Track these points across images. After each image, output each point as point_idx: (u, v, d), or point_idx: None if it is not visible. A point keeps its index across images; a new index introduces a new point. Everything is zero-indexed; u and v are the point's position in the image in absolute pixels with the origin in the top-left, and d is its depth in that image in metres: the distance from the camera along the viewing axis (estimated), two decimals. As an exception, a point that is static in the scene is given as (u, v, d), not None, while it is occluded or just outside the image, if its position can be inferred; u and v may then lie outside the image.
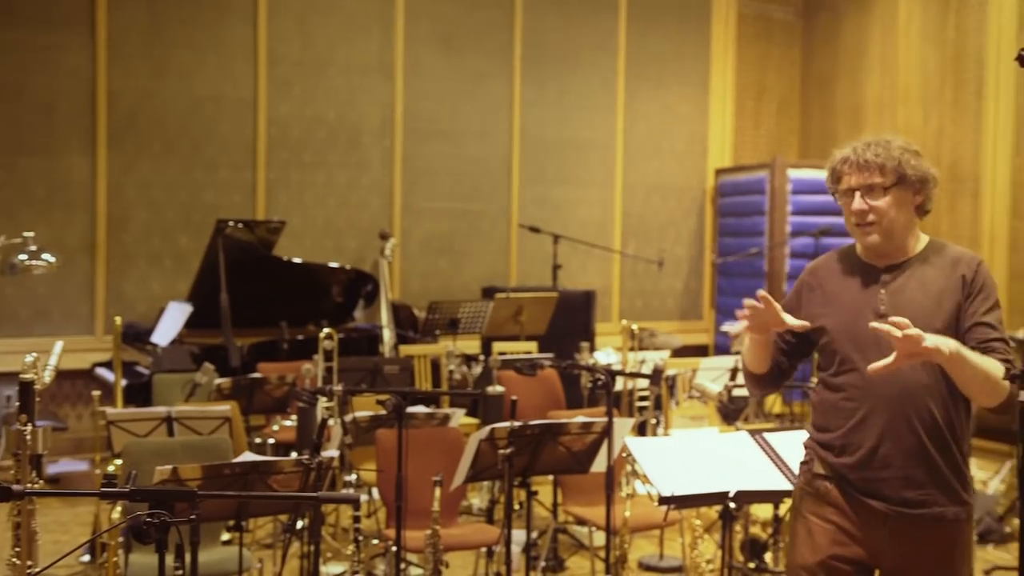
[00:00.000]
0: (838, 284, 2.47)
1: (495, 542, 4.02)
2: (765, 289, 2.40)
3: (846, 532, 2.41)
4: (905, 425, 2.33)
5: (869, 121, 8.97)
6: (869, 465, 2.37)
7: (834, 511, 2.43)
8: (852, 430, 2.40)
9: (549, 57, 8.54)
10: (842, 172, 2.42)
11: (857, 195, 2.39)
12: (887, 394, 2.34)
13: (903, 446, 2.33)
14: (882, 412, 2.35)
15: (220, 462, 3.18)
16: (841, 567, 2.41)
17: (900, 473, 2.34)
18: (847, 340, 2.40)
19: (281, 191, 7.58)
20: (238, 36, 7.39)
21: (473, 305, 6.74)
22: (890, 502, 2.35)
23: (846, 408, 2.41)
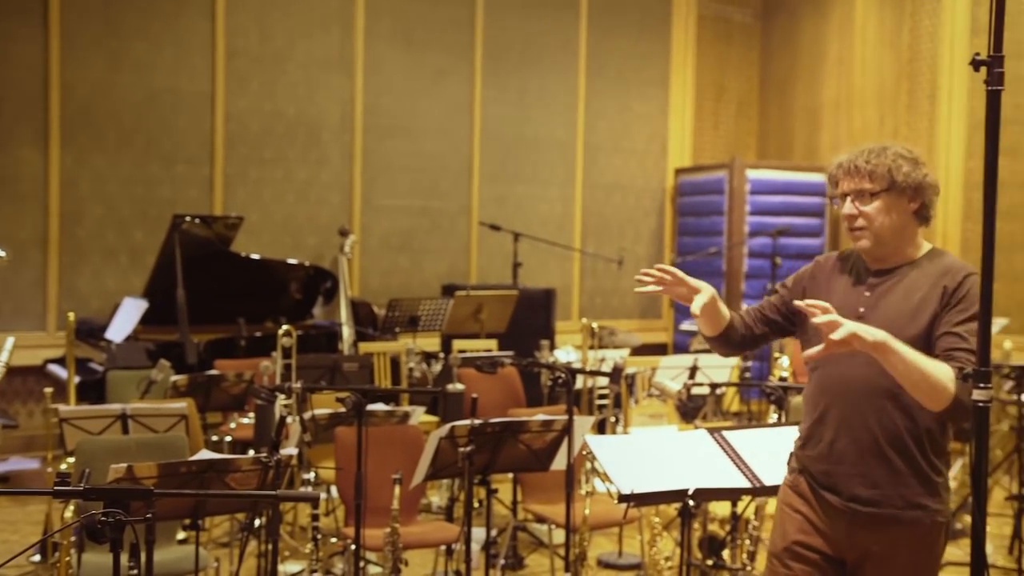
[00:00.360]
0: (833, 281, 2.51)
1: (455, 540, 4.01)
2: (724, 289, 2.41)
3: (811, 522, 2.46)
4: (861, 423, 2.36)
5: (826, 123, 9.09)
6: (827, 459, 2.42)
7: (802, 502, 2.48)
8: (815, 424, 2.46)
9: (510, 55, 8.54)
10: (837, 177, 2.46)
11: (848, 200, 2.43)
12: (847, 392, 2.39)
13: (858, 444, 2.36)
14: (840, 408, 2.40)
15: (176, 460, 3.14)
16: (807, 554, 2.45)
17: (854, 470, 2.37)
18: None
19: (239, 187, 7.49)
20: (196, 29, 7.30)
21: (433, 303, 6.72)
22: (842, 497, 2.39)
23: (813, 402, 2.48)
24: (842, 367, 2.40)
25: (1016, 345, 5.92)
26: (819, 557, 2.45)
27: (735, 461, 3.16)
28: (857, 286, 2.46)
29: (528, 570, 4.80)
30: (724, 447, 3.22)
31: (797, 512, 2.48)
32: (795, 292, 2.57)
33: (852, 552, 2.42)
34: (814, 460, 2.46)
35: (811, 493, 2.46)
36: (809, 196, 8.72)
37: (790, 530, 2.48)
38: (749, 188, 8.56)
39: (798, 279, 2.61)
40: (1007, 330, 6.58)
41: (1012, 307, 7.22)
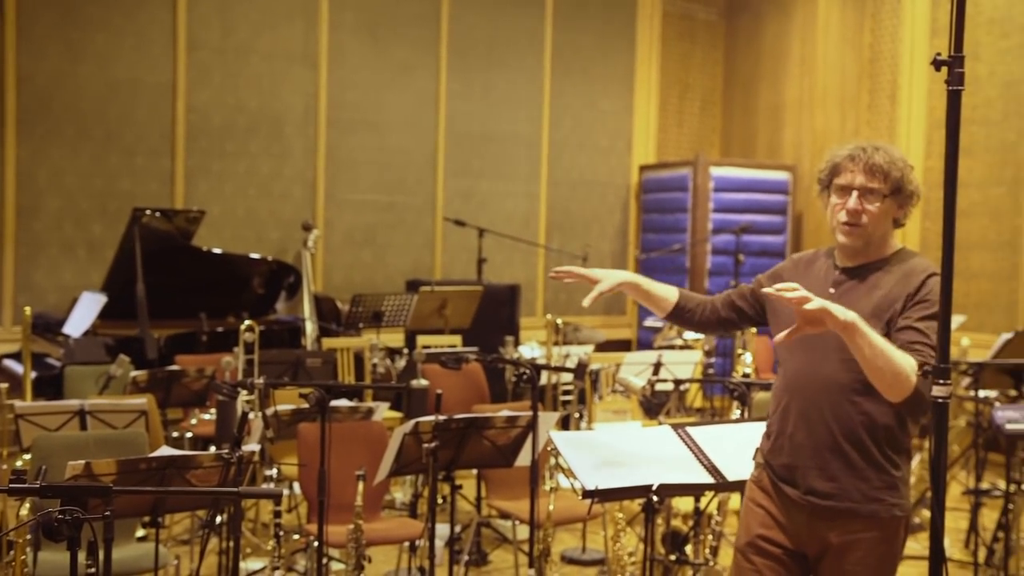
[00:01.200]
0: (802, 278, 2.49)
1: (418, 536, 4.00)
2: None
3: (772, 517, 2.49)
4: (818, 417, 2.39)
5: (789, 121, 9.17)
6: (786, 452, 2.45)
7: (764, 496, 2.51)
8: (777, 418, 2.50)
9: (476, 51, 8.52)
10: (844, 168, 2.41)
11: (855, 194, 2.38)
12: (805, 386, 2.42)
13: (815, 438, 2.39)
14: (799, 403, 2.43)
15: (136, 457, 3.09)
16: (769, 548, 2.47)
17: (812, 463, 2.40)
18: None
19: (201, 180, 7.40)
20: (156, 20, 7.19)
21: (397, 298, 6.69)
22: (800, 490, 2.42)
23: (777, 397, 2.52)
24: (804, 363, 2.43)
25: (973, 342, 6.01)
26: (781, 551, 2.47)
27: (698, 457, 3.18)
28: (823, 284, 2.47)
29: (492, 566, 4.80)
30: (688, 443, 3.23)
31: (760, 507, 2.51)
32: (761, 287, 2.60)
33: (812, 546, 2.44)
34: (775, 454, 2.49)
35: (772, 487, 2.49)
36: (772, 194, 8.80)
37: (753, 524, 2.51)
38: (713, 185, 8.62)
39: (775, 274, 2.64)
40: (964, 327, 6.69)
41: (969, 305, 7.34)
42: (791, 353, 2.46)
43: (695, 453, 3.21)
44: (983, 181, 7.49)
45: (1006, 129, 7.43)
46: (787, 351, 2.48)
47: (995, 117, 7.50)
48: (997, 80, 7.47)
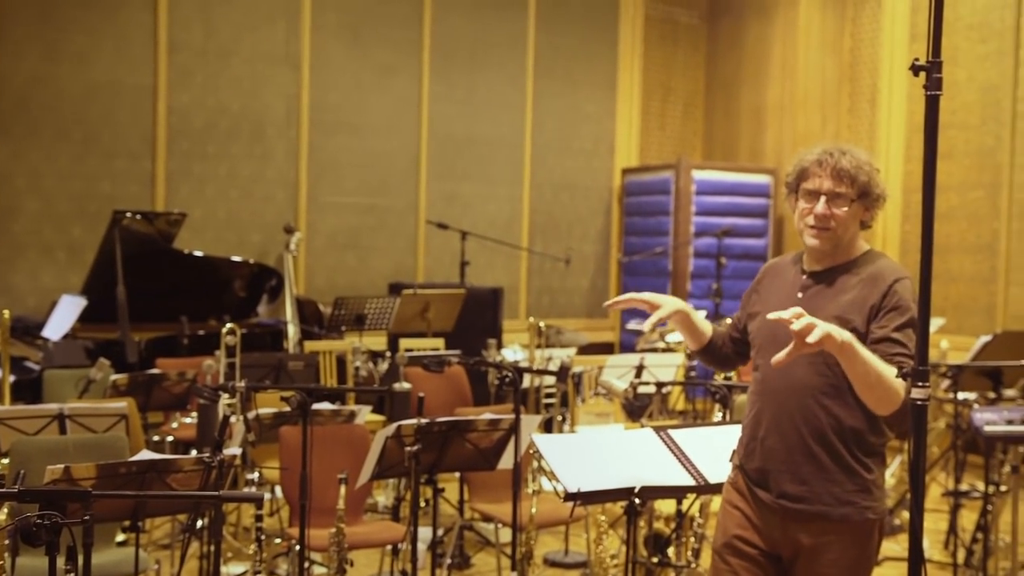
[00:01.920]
0: (772, 285, 2.56)
1: (400, 540, 3.99)
2: (670, 288, 2.46)
3: (748, 518, 2.50)
4: (788, 421, 2.41)
5: (770, 124, 9.22)
6: (759, 456, 2.47)
7: (740, 498, 2.53)
8: (751, 423, 2.52)
9: (458, 53, 8.52)
10: (812, 172, 2.42)
11: (823, 199, 2.39)
12: (776, 390, 2.44)
13: (786, 441, 2.41)
14: (771, 407, 2.45)
15: (115, 461, 3.07)
16: (745, 549, 2.48)
17: (783, 467, 2.41)
18: (762, 339, 2.50)
19: (182, 182, 7.37)
20: (137, 21, 7.16)
21: (380, 301, 6.68)
22: (772, 493, 2.43)
23: (751, 401, 2.54)
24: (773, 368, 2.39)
25: (953, 345, 6.06)
26: (757, 552, 2.48)
27: (680, 459, 3.19)
28: (791, 290, 2.50)
29: (475, 569, 4.80)
30: (670, 445, 3.24)
31: (736, 508, 2.53)
32: (746, 307, 2.67)
33: (786, 548, 2.45)
34: (748, 458, 2.51)
35: (747, 490, 2.51)
36: (754, 197, 8.84)
37: (729, 526, 2.53)
38: (695, 189, 8.65)
39: (747, 295, 2.69)
40: (943, 330, 6.74)
41: (948, 307, 7.40)
42: (763, 358, 2.48)
43: (677, 456, 3.22)
44: (962, 185, 7.55)
45: (984, 133, 7.50)
46: (760, 356, 2.50)
47: (974, 121, 7.56)
48: (975, 85, 7.54)
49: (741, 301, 2.72)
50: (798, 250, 2.63)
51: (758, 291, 2.62)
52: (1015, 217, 7.30)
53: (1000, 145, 7.39)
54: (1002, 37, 7.37)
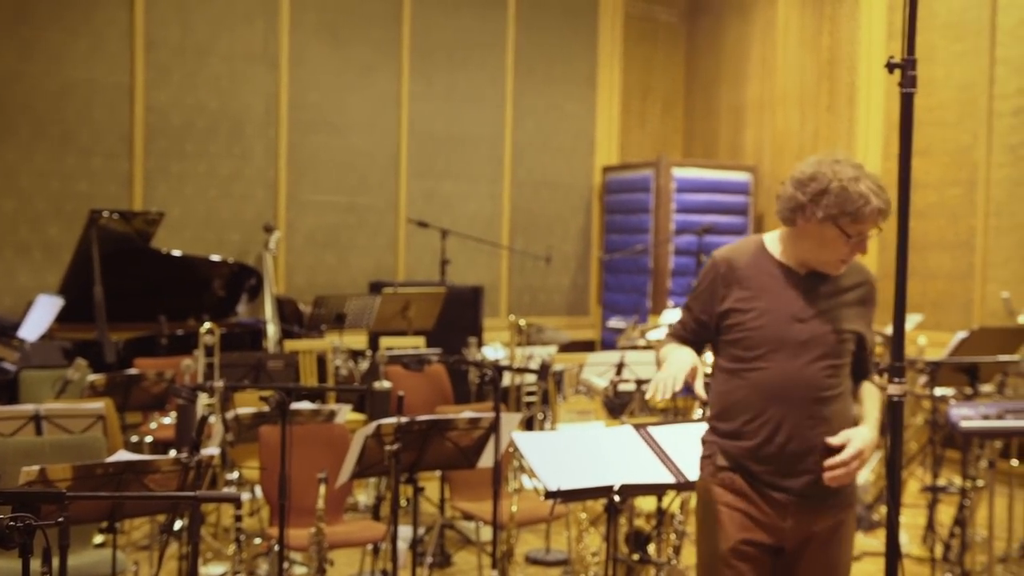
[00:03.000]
0: (761, 282, 2.49)
1: (381, 539, 3.98)
2: (650, 285, 2.46)
3: (752, 519, 2.48)
4: (810, 423, 2.43)
5: (750, 122, 9.25)
6: (776, 461, 2.45)
7: (740, 499, 2.48)
8: (760, 427, 2.46)
9: (438, 52, 8.51)
10: (867, 218, 2.38)
11: (867, 242, 2.46)
12: (795, 394, 2.43)
13: (807, 444, 2.42)
14: (790, 411, 2.43)
15: (92, 461, 3.05)
16: (750, 551, 2.48)
17: (803, 467, 2.43)
18: (763, 339, 2.46)
19: (160, 181, 7.32)
20: (113, 19, 7.11)
21: (360, 300, 6.66)
22: (791, 493, 2.45)
23: (753, 404, 2.47)
24: (786, 370, 2.44)
25: (930, 341, 6.10)
26: (759, 551, 2.49)
27: (660, 457, 3.19)
28: (790, 290, 2.49)
29: (456, 568, 4.79)
30: (649, 443, 3.25)
31: (736, 510, 2.48)
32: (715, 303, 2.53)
33: (793, 539, 2.48)
34: (756, 461, 2.46)
35: (751, 490, 2.48)
36: (734, 195, 8.87)
37: (731, 529, 2.48)
38: (675, 186, 8.67)
39: (712, 288, 2.55)
40: (921, 326, 6.79)
41: (926, 304, 7.45)
42: (768, 360, 2.44)
43: (657, 453, 3.22)
44: (939, 182, 7.61)
45: (961, 131, 7.55)
46: (764, 357, 2.45)
47: (950, 119, 7.62)
48: (952, 83, 7.59)
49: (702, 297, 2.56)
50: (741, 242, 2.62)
51: (738, 287, 2.50)
52: (992, 214, 7.36)
53: (977, 143, 7.45)
54: (978, 35, 7.43)
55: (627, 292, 8.93)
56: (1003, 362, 4.77)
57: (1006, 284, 7.05)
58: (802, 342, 2.42)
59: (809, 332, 2.44)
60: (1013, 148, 7.25)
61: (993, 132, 7.36)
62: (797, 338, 2.43)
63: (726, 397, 2.53)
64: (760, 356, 2.46)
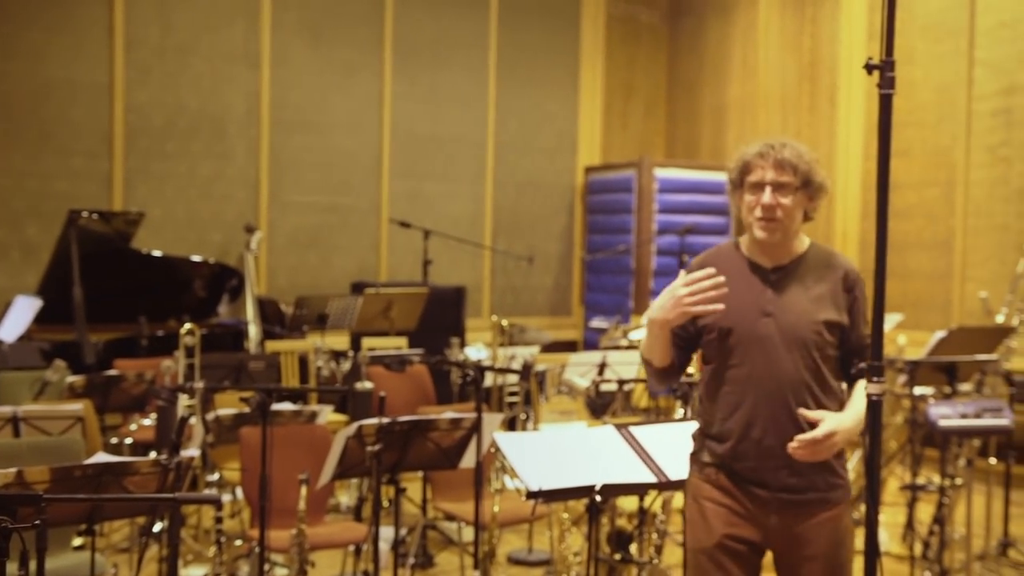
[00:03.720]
0: (730, 281, 2.46)
1: (363, 540, 3.97)
2: (633, 285, 2.45)
3: (737, 514, 2.50)
4: (785, 416, 2.43)
5: (731, 123, 9.29)
6: (753, 456, 2.47)
7: (725, 495, 2.51)
8: (736, 422, 2.49)
9: (420, 51, 8.50)
10: (755, 165, 2.46)
11: (768, 190, 2.44)
12: (768, 388, 2.45)
13: (783, 437, 2.41)
14: (765, 406, 2.45)
15: (70, 463, 3.02)
16: (736, 546, 2.49)
17: (782, 463, 2.43)
18: (735, 337, 2.48)
19: (140, 181, 7.28)
20: (93, 18, 7.06)
21: (342, 300, 6.63)
22: (771, 489, 2.46)
23: (731, 401, 2.50)
24: (762, 365, 2.45)
25: (909, 340, 6.14)
26: (746, 548, 2.50)
27: (642, 456, 3.20)
28: (757, 285, 2.51)
29: (438, 568, 4.78)
30: (631, 443, 3.25)
31: (721, 506, 2.51)
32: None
33: (779, 539, 2.49)
34: (737, 457, 2.48)
35: (734, 487, 2.50)
36: (716, 195, 8.90)
37: (716, 524, 2.50)
38: (657, 187, 8.69)
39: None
40: (901, 325, 6.83)
41: (906, 304, 7.49)
42: (742, 357, 2.47)
43: (638, 453, 3.23)
44: (919, 183, 7.66)
45: (940, 132, 7.61)
46: (739, 355, 2.48)
47: (930, 120, 7.67)
48: (931, 84, 7.65)
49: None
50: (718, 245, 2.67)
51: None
52: (970, 214, 7.42)
53: (956, 143, 7.50)
54: (957, 37, 7.48)
55: (609, 292, 8.95)
56: (981, 361, 4.81)
57: (984, 284, 7.11)
58: (770, 336, 2.43)
59: (776, 325, 2.45)
60: (992, 149, 7.31)
61: (972, 133, 7.41)
62: (765, 332, 2.44)
63: (709, 396, 2.56)
64: (734, 354, 2.49)
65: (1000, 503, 5.04)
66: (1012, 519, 5.13)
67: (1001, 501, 5.05)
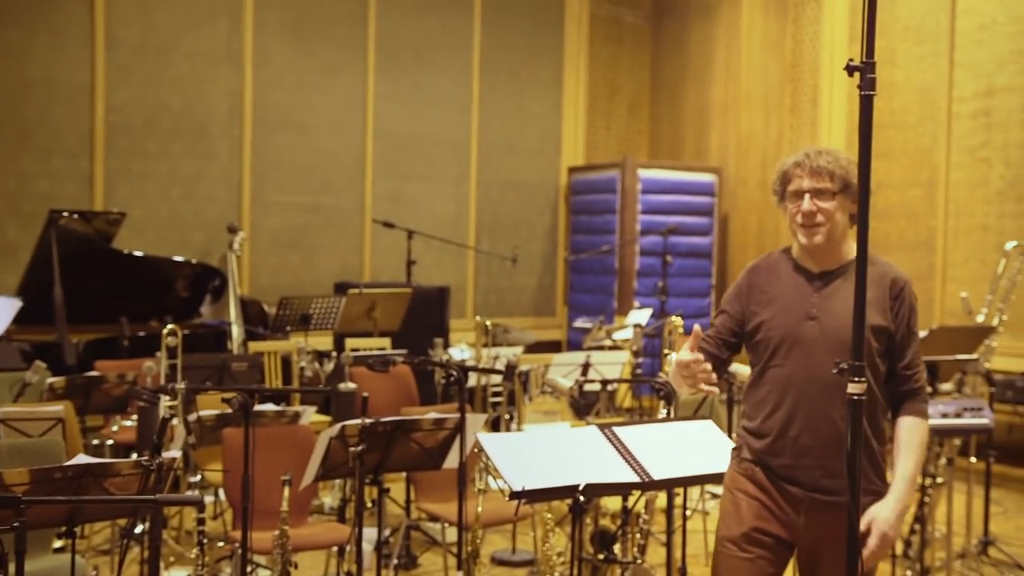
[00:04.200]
0: (776, 286, 2.62)
1: (346, 541, 3.96)
2: (616, 285, 2.47)
3: (768, 509, 2.57)
4: (824, 419, 2.49)
5: (715, 123, 9.32)
6: (789, 454, 2.54)
7: (759, 490, 2.59)
8: (775, 421, 2.57)
9: (404, 52, 8.48)
10: (793, 175, 2.55)
11: (807, 196, 2.52)
12: (809, 391, 2.51)
13: (821, 439, 2.49)
14: (804, 406, 2.52)
15: (50, 466, 3.00)
16: (763, 538, 2.57)
17: (817, 463, 2.50)
18: (781, 338, 2.57)
19: (121, 181, 7.23)
20: (73, 16, 7.01)
21: (325, 301, 6.62)
22: (805, 488, 2.52)
23: (771, 400, 2.58)
24: (802, 367, 2.53)
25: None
26: (773, 541, 2.57)
27: (625, 456, 3.20)
28: (804, 289, 2.58)
29: (422, 569, 4.78)
30: (614, 443, 3.25)
31: (754, 499, 2.59)
32: (741, 307, 2.67)
33: (808, 537, 2.54)
34: (774, 455, 2.56)
35: (770, 484, 2.57)
36: (699, 195, 8.93)
37: (747, 516, 2.59)
38: (640, 187, 8.71)
39: (738, 295, 2.69)
40: (883, 325, 6.87)
41: (887, 303, 7.54)
42: (784, 358, 2.55)
43: (621, 453, 3.23)
44: (901, 183, 7.70)
45: (921, 133, 7.66)
46: (780, 355, 2.57)
47: (911, 121, 7.72)
48: (913, 86, 7.70)
49: (726, 306, 2.72)
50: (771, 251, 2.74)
51: (758, 290, 2.65)
52: (951, 215, 7.47)
53: (937, 145, 7.55)
54: (938, 39, 7.54)
55: (593, 292, 8.96)
56: (962, 361, 4.84)
57: (965, 284, 7.16)
58: (813, 338, 2.50)
59: (820, 328, 2.52)
60: (972, 150, 7.36)
61: (952, 134, 7.47)
62: (809, 335, 2.51)
63: (752, 396, 2.65)
64: (777, 354, 2.58)
65: (981, 502, 5.08)
66: (992, 518, 5.17)
67: (982, 500, 5.08)
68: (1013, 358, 6.73)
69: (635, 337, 6.53)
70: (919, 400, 2.56)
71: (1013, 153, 7.11)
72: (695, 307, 8.70)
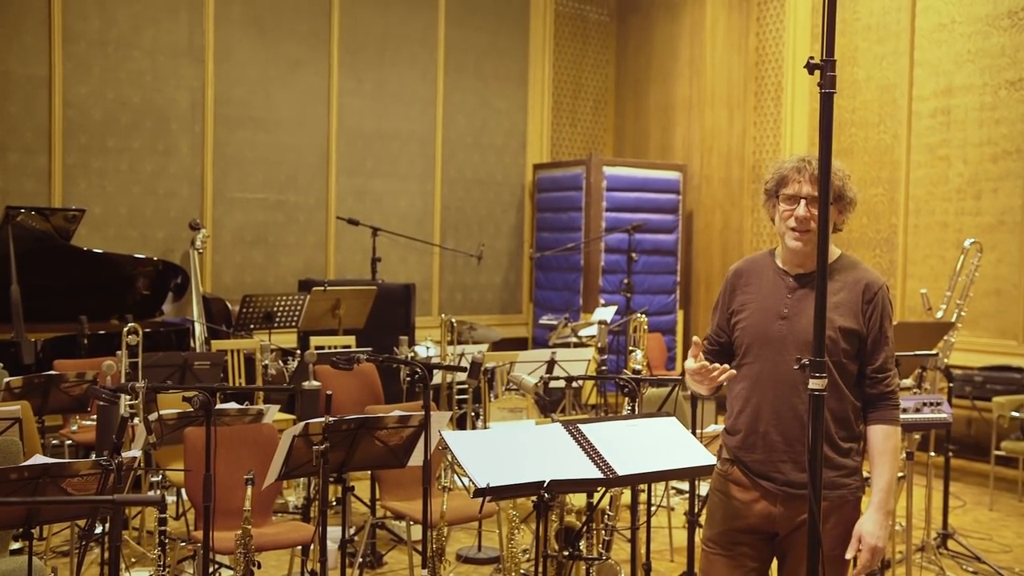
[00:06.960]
0: (756, 287, 2.70)
1: (310, 540, 3.93)
2: (582, 283, 2.48)
3: (748, 506, 2.65)
4: (789, 414, 2.57)
5: (679, 121, 9.36)
6: (760, 449, 2.62)
7: (738, 488, 2.68)
8: (746, 417, 2.66)
9: (368, 47, 8.44)
10: (792, 179, 2.60)
11: (803, 203, 2.57)
12: (774, 386, 2.59)
13: (787, 433, 2.57)
14: (771, 402, 2.60)
15: (6, 466, 2.95)
16: (743, 536, 2.67)
17: (786, 457, 2.58)
18: (752, 336, 2.65)
19: (80, 178, 7.13)
20: (30, 9, 6.90)
21: (289, 298, 6.57)
22: (777, 482, 2.60)
23: (743, 397, 2.67)
24: (770, 364, 2.60)
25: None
26: (754, 538, 2.66)
27: (589, 453, 3.21)
28: (780, 290, 2.65)
29: (387, 567, 4.76)
30: (579, 440, 3.26)
31: (731, 498, 2.68)
32: (725, 310, 2.76)
33: (785, 526, 2.61)
34: (747, 451, 2.65)
35: (747, 480, 2.65)
36: (664, 193, 8.97)
37: (727, 516, 2.68)
38: (606, 184, 8.74)
39: (723, 297, 2.78)
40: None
41: (849, 300, 7.63)
42: (756, 355, 2.63)
43: (586, 450, 3.24)
44: (862, 181, 7.79)
45: (882, 131, 7.75)
46: (751, 353, 2.64)
47: (872, 119, 7.81)
48: (874, 84, 7.79)
49: (715, 310, 2.81)
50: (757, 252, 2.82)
51: (739, 292, 2.73)
52: (911, 212, 7.57)
53: (897, 143, 7.65)
54: (898, 38, 7.63)
55: (559, 290, 8.97)
56: (922, 356, 4.90)
57: (924, 281, 7.26)
58: (783, 337, 2.57)
59: (789, 328, 2.58)
60: (931, 148, 7.46)
61: (913, 133, 7.56)
62: (778, 334, 2.59)
63: (729, 394, 2.74)
64: (749, 353, 2.66)
65: (940, 495, 5.15)
66: (951, 511, 5.24)
67: (941, 493, 5.16)
68: (971, 353, 6.84)
69: (600, 334, 6.55)
70: (890, 405, 2.60)
71: (971, 151, 7.21)
72: (660, 304, 8.75)
